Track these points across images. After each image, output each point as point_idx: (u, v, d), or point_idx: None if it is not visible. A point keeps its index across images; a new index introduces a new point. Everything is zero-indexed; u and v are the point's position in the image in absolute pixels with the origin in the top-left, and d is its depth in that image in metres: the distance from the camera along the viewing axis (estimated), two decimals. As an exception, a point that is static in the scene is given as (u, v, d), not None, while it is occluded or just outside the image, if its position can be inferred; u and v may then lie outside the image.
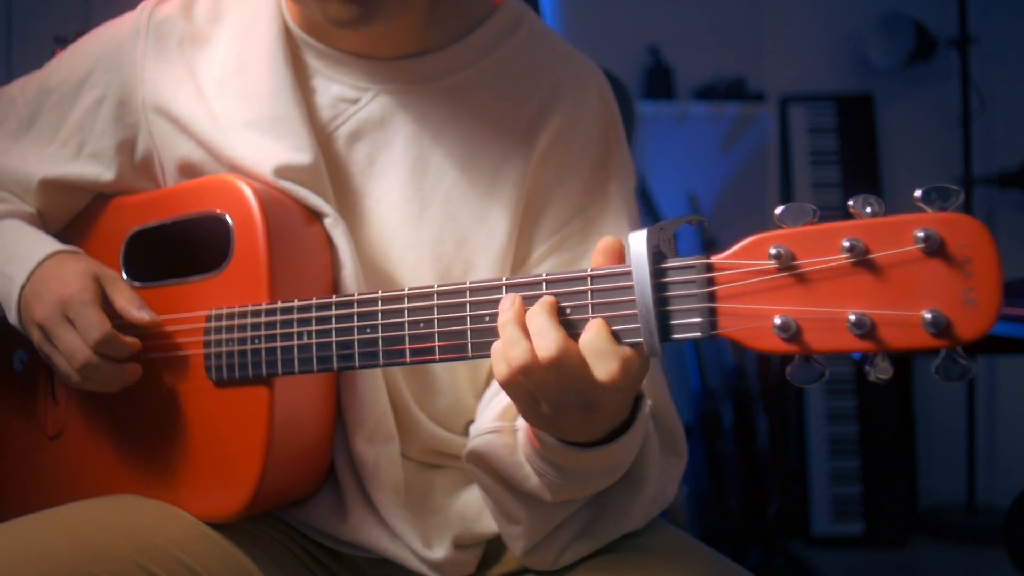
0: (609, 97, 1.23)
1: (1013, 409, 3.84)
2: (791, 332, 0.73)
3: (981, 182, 3.71)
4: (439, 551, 1.11)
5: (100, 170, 1.23)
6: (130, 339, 1.11)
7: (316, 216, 1.13)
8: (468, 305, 0.91)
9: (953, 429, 3.76)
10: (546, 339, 0.84)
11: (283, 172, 1.12)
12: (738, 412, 3.45)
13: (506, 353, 0.86)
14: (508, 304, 0.88)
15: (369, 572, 1.17)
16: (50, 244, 1.18)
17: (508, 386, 0.88)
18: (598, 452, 0.95)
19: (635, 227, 1.16)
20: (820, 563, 3.37)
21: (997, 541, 3.20)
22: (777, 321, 0.73)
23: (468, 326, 0.91)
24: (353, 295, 0.98)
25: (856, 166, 3.80)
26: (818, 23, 3.90)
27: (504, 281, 0.90)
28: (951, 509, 3.70)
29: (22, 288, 1.14)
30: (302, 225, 1.12)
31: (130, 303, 1.12)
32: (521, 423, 1.02)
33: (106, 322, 1.09)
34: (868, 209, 0.71)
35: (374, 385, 1.11)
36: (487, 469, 1.06)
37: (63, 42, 1.86)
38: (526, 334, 0.86)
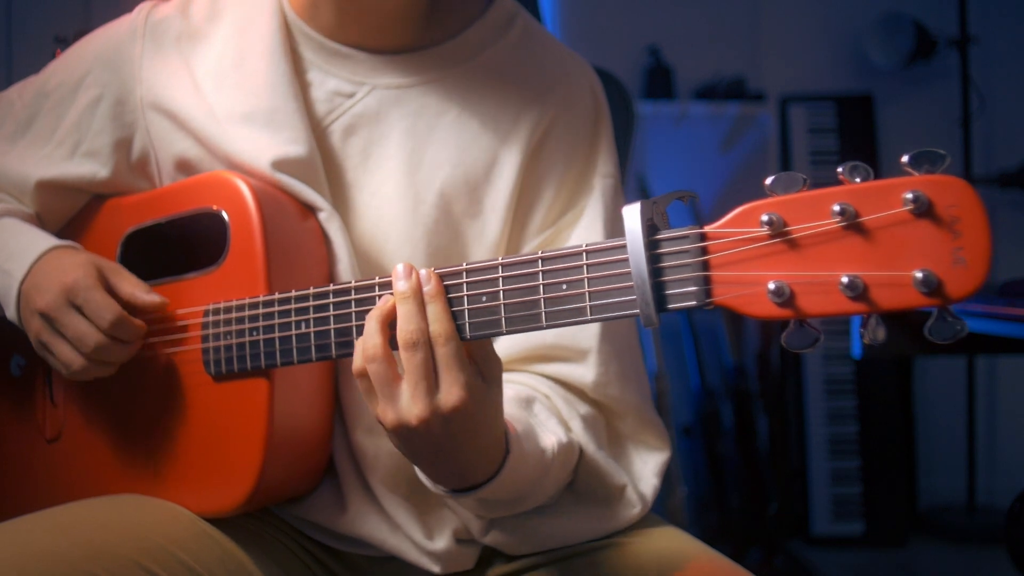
0: (600, 93, 1.25)
1: (1013, 409, 3.84)
2: (785, 297, 0.73)
3: (981, 182, 3.71)
4: (440, 542, 1.11)
5: (96, 168, 1.23)
6: (138, 321, 1.12)
7: (311, 210, 1.14)
8: (465, 286, 0.91)
9: (953, 429, 3.75)
10: (410, 324, 0.90)
11: (280, 165, 1.13)
12: (738, 412, 3.46)
13: (363, 344, 0.91)
14: (381, 302, 0.93)
15: (369, 570, 1.17)
16: (48, 240, 1.19)
17: (357, 376, 0.92)
18: (461, 497, 1.00)
19: (610, 221, 1.18)
20: (820, 563, 3.36)
21: (997, 541, 3.21)
22: (771, 286, 0.74)
23: (465, 306, 0.91)
24: (350, 282, 0.99)
25: (856, 165, 3.79)
26: (818, 23, 3.90)
27: (500, 260, 0.90)
28: (951, 509, 3.69)
29: (22, 282, 1.15)
30: (297, 220, 1.12)
31: (137, 288, 1.13)
32: None
33: (115, 304, 1.10)
34: (857, 178, 0.72)
35: (373, 376, 1.12)
36: None
37: (63, 42, 1.86)
38: (383, 331, 0.91)
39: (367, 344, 0.90)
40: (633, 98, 1.99)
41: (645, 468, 1.18)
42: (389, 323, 0.92)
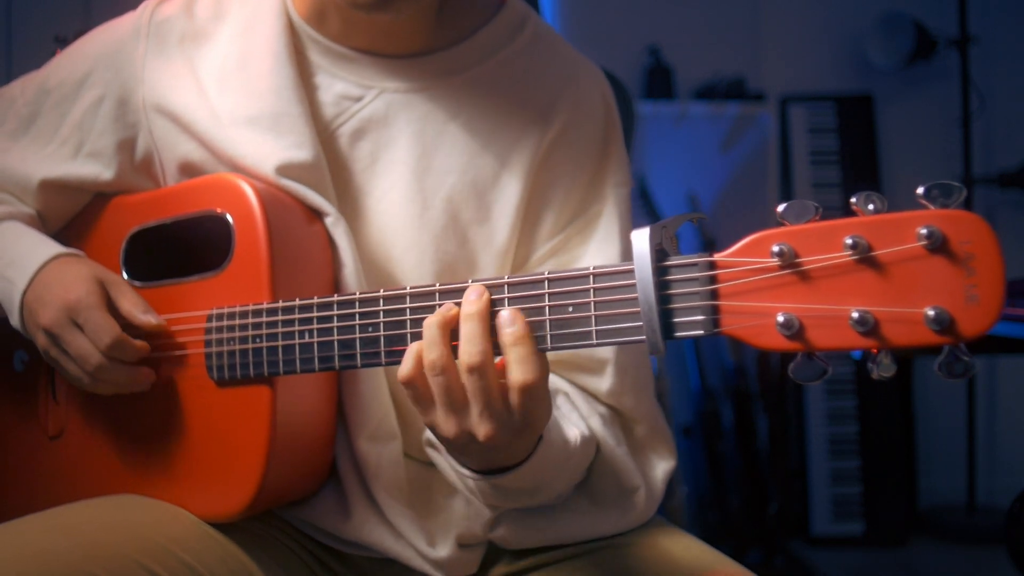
0: (611, 100, 1.24)
1: (1013, 409, 3.85)
2: (794, 329, 0.73)
3: (981, 182, 3.71)
4: (443, 549, 1.11)
5: (99, 169, 1.23)
6: (139, 342, 1.11)
7: (317, 215, 1.13)
8: (442, 308, 0.91)
9: (953, 429, 3.75)
10: (474, 346, 0.87)
11: (285, 170, 1.12)
12: (738, 412, 3.46)
13: (424, 354, 0.89)
14: (443, 309, 0.90)
15: (371, 572, 1.17)
16: (51, 247, 1.18)
17: (407, 384, 0.90)
18: (492, 479, 0.99)
19: (627, 231, 1.17)
20: (820, 563, 3.37)
21: (997, 541, 3.21)
22: (780, 319, 0.73)
23: None
24: (355, 294, 0.98)
25: (856, 166, 3.80)
26: (818, 23, 3.90)
27: (506, 279, 0.89)
28: (951, 509, 3.70)
29: (24, 293, 1.14)
30: (303, 224, 1.11)
31: (135, 307, 1.12)
32: None
33: (115, 326, 1.09)
34: (870, 206, 0.71)
35: (376, 384, 1.11)
36: (438, 455, 1.09)
37: (63, 42, 1.86)
38: (446, 340, 0.89)
39: (432, 355, 0.88)
40: (633, 98, 1.98)
41: (653, 473, 1.18)
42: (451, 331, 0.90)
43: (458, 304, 0.90)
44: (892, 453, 3.64)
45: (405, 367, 0.90)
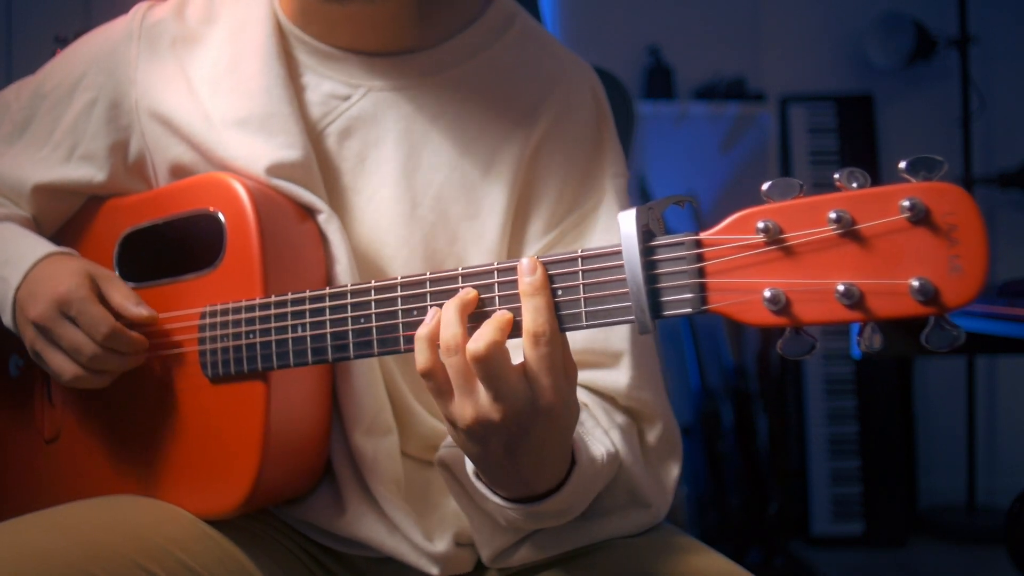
0: (601, 95, 1.24)
1: (1013, 409, 3.84)
2: (781, 304, 0.73)
3: (981, 182, 3.71)
4: (440, 544, 1.11)
5: (92, 172, 1.23)
6: (136, 334, 1.11)
7: (309, 213, 1.13)
8: (461, 291, 0.90)
9: (953, 429, 3.76)
10: (482, 332, 0.86)
11: (275, 170, 1.12)
12: (738, 412, 3.45)
13: (440, 336, 0.88)
14: (462, 293, 0.90)
15: (368, 571, 1.17)
16: (45, 246, 1.18)
17: (427, 375, 0.89)
18: (523, 508, 0.97)
19: None
20: (820, 563, 3.37)
21: (997, 541, 3.21)
22: (767, 294, 0.73)
23: None
24: (346, 286, 0.98)
25: (856, 166, 3.78)
26: (818, 23, 3.90)
27: (496, 265, 0.89)
28: (951, 509, 3.70)
29: (17, 290, 1.14)
30: (295, 221, 1.12)
31: (127, 299, 1.12)
32: None
33: (109, 316, 1.09)
34: (854, 183, 0.72)
35: (371, 378, 1.11)
36: (453, 478, 1.07)
37: (63, 42, 1.86)
38: (463, 321, 0.87)
39: (446, 335, 0.87)
40: (633, 98, 1.99)
41: (667, 478, 1.16)
42: (468, 315, 0.89)
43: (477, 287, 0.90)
44: (892, 453, 3.64)
45: (421, 358, 0.89)
